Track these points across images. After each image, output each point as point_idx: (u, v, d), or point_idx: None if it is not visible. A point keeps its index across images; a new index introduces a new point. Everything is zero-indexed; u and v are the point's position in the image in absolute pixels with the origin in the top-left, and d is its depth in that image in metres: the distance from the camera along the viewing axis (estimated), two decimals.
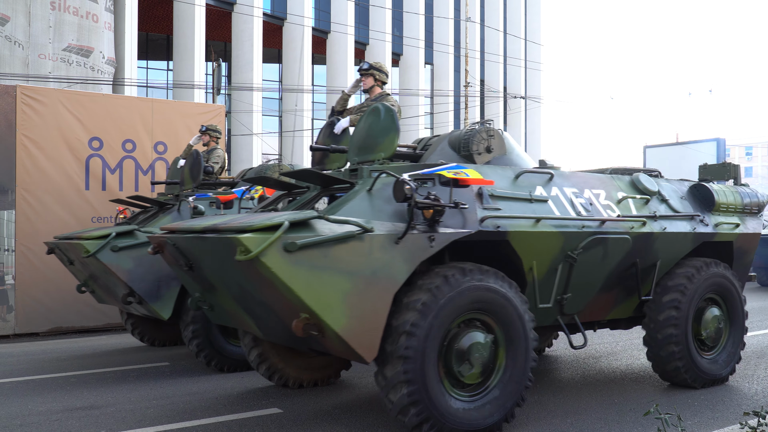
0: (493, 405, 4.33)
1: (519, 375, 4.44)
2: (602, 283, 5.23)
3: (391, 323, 4.01)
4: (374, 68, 6.16)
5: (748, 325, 9.39)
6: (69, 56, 18.13)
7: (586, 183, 5.22)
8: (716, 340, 5.87)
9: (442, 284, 4.11)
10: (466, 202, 4.28)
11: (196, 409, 5.21)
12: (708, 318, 5.77)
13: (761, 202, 6.43)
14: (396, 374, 3.98)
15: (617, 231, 5.10)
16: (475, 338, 4.28)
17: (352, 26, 30.99)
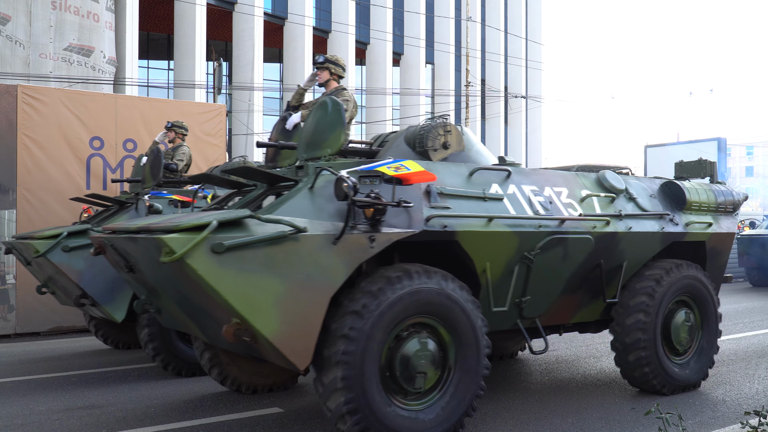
0: (440, 415, 4.11)
1: (469, 383, 4.23)
2: (564, 285, 5.01)
3: (330, 327, 3.83)
4: (330, 61, 5.92)
5: (750, 325, 9.45)
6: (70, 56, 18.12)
7: (547, 181, 4.99)
8: (687, 344, 5.65)
9: (385, 286, 3.91)
10: (411, 200, 4.09)
11: (197, 409, 5.21)
12: (678, 322, 5.54)
13: (736, 201, 6.20)
14: (333, 381, 3.78)
15: (578, 231, 4.90)
16: (420, 343, 4.07)
17: (353, 26, 30.98)
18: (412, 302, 4.00)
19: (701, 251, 5.98)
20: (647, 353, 5.27)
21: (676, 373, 5.48)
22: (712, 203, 5.96)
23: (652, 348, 5.29)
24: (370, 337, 3.83)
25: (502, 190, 4.65)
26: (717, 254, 6.11)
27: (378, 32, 32.56)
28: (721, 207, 6.05)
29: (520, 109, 41.53)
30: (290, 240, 3.63)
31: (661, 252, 5.71)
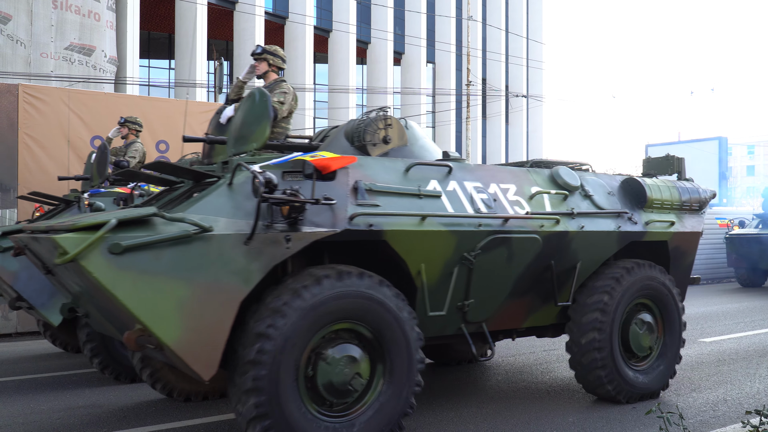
0: (363, 430, 3.83)
1: (396, 400, 3.93)
2: (511, 288, 4.72)
3: (249, 324, 3.62)
4: (268, 52, 5.65)
5: (750, 324, 9.44)
6: (71, 55, 18.13)
7: (493, 177, 4.71)
8: (648, 350, 5.36)
9: (312, 285, 3.67)
10: (336, 197, 3.84)
11: (197, 408, 5.21)
12: (638, 325, 5.26)
13: (702, 199, 5.87)
14: (244, 380, 3.53)
15: (524, 230, 4.61)
16: (345, 351, 3.81)
17: (353, 25, 30.98)
18: (338, 305, 3.74)
19: (664, 252, 5.68)
20: (602, 355, 4.97)
21: (633, 379, 5.17)
22: (676, 201, 5.65)
23: (608, 350, 4.99)
24: (289, 339, 3.58)
25: (441, 186, 4.37)
26: (681, 255, 5.78)
27: (379, 31, 32.56)
28: (686, 205, 5.73)
29: (521, 108, 41.53)
30: (197, 240, 3.40)
31: (622, 253, 5.46)
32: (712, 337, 8.37)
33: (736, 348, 7.61)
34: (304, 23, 28.59)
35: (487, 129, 40.38)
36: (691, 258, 5.89)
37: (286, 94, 5.42)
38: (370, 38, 33.05)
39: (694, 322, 9.69)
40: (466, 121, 24.41)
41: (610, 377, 5.02)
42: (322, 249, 4.14)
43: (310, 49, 29.01)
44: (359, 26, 31.95)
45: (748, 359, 6.94)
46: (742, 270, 15.43)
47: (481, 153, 39.06)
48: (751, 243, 14.75)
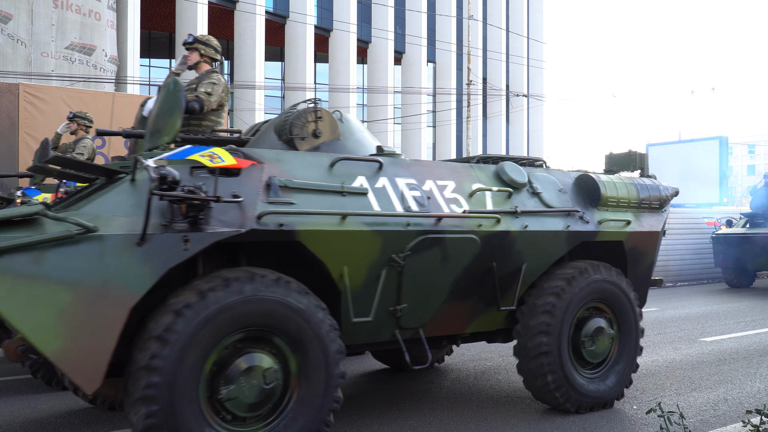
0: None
1: (312, 413, 3.65)
2: (449, 291, 4.43)
3: (148, 326, 3.36)
4: (199, 41, 5.39)
5: (751, 324, 9.44)
6: (71, 54, 18.14)
7: (430, 174, 4.42)
8: (601, 356, 5.05)
9: (219, 288, 3.42)
10: (246, 194, 3.58)
11: None
12: (590, 330, 4.94)
13: (663, 197, 5.57)
14: (136, 388, 3.23)
15: (459, 230, 4.31)
16: (254, 361, 3.53)
17: (354, 24, 30.98)
18: (247, 312, 3.46)
19: (622, 253, 5.36)
20: (550, 360, 4.68)
21: (584, 387, 4.87)
22: (633, 199, 5.32)
23: (556, 354, 4.70)
24: (191, 343, 3.31)
25: (369, 183, 4.08)
26: (639, 256, 5.44)
27: (379, 31, 32.56)
28: (645, 203, 5.41)
29: (522, 107, 41.52)
30: (84, 241, 3.15)
31: (578, 255, 5.23)
32: (712, 336, 8.36)
33: (737, 347, 7.60)
34: (304, 22, 28.59)
35: (488, 128, 40.38)
36: (650, 259, 5.55)
37: (216, 85, 5.18)
38: (371, 37, 33.05)
39: (695, 321, 9.69)
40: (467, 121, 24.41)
41: (558, 383, 4.73)
42: (237, 251, 3.88)
43: (310, 48, 29.02)
44: (360, 25, 31.95)
45: (749, 358, 6.94)
46: (729, 270, 14.99)
47: (481, 152, 39.04)
48: (738, 243, 14.28)
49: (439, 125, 36.95)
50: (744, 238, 14.18)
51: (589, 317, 5.00)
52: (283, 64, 30.73)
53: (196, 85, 5.34)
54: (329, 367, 3.71)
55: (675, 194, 5.79)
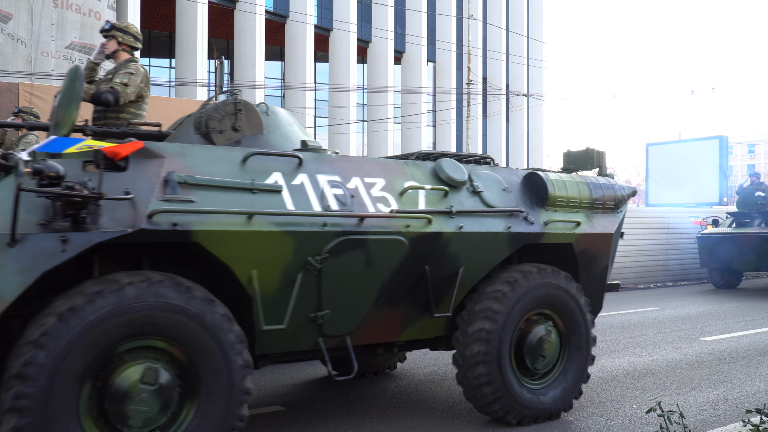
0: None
1: (214, 428, 3.38)
2: (376, 297, 4.13)
3: (27, 331, 3.11)
4: (117, 28, 5.10)
5: (751, 323, 9.44)
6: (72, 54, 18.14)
7: (357, 170, 4.12)
8: (547, 366, 4.77)
9: (110, 292, 3.14)
10: (141, 191, 3.29)
11: None
12: (535, 338, 4.65)
13: (618, 196, 5.26)
14: (7, 397, 2.94)
15: (384, 230, 4.00)
16: (146, 376, 3.21)
17: (354, 24, 30.98)
18: (139, 318, 3.20)
19: (572, 256, 5.04)
20: (488, 369, 4.38)
21: (527, 398, 4.57)
22: (585, 199, 5.02)
23: (495, 364, 4.40)
24: (66, 356, 3.00)
25: (285, 180, 3.79)
26: (591, 259, 5.12)
27: (379, 30, 32.55)
28: (598, 203, 5.11)
29: (522, 107, 41.52)
30: None
31: (527, 258, 4.99)
32: (712, 336, 8.37)
33: (737, 347, 7.61)
34: (304, 22, 28.59)
35: (488, 128, 40.38)
36: (604, 263, 5.24)
37: (133, 75, 4.89)
38: (371, 37, 33.05)
39: (694, 320, 9.69)
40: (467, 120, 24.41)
41: (497, 395, 4.43)
42: (145, 253, 3.64)
43: (310, 47, 29.02)
44: (360, 25, 31.95)
45: (749, 358, 6.94)
46: (715, 271, 14.61)
47: (481, 152, 39.04)
48: (724, 243, 13.85)
49: (439, 125, 36.94)
50: (730, 238, 13.82)
51: (534, 324, 4.71)
52: (283, 63, 30.73)
53: (112, 75, 5.04)
54: (232, 383, 3.41)
55: (632, 194, 5.51)
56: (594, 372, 6.32)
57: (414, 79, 34.37)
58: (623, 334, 8.50)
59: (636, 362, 6.77)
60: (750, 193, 14.61)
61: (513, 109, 41.27)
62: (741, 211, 14.51)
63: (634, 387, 5.73)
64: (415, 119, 33.07)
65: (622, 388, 5.70)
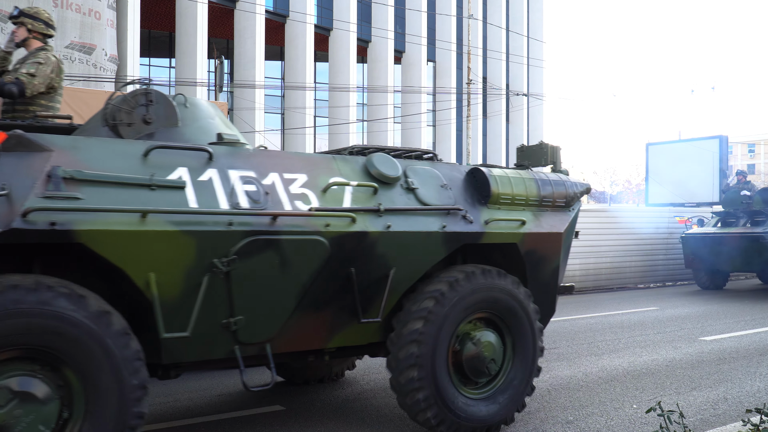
0: None
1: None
2: (297, 301, 3.83)
3: None
4: (26, 15, 4.81)
5: (751, 323, 9.44)
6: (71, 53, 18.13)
7: (277, 166, 3.84)
8: (489, 375, 4.42)
9: None
10: (19, 187, 3.02)
11: (199, 407, 5.22)
12: (475, 344, 4.31)
13: (570, 194, 4.97)
14: None
15: (300, 230, 3.71)
16: (24, 386, 2.94)
17: (354, 23, 30.97)
18: (14, 327, 2.90)
19: (519, 257, 4.72)
20: (422, 374, 4.05)
21: (463, 408, 4.23)
22: (532, 196, 4.72)
23: (429, 368, 4.08)
24: None
25: (191, 176, 3.50)
26: (540, 260, 4.81)
27: (379, 30, 32.55)
28: (547, 201, 4.81)
29: (522, 106, 41.52)
30: None
31: (474, 260, 4.75)
32: (712, 335, 8.37)
33: (737, 346, 7.61)
34: (304, 21, 28.59)
35: (488, 128, 40.39)
36: (554, 264, 4.92)
37: (42, 65, 4.63)
38: (371, 37, 33.06)
39: (694, 320, 9.69)
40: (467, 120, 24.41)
41: (430, 402, 4.09)
42: (35, 255, 3.35)
43: (310, 47, 29.02)
44: (360, 25, 31.95)
45: (749, 357, 6.95)
46: (700, 272, 14.32)
47: (481, 152, 39.07)
48: (709, 243, 13.49)
49: (439, 124, 36.94)
50: (714, 238, 13.49)
51: (476, 329, 4.40)
52: (283, 63, 30.72)
53: (20, 65, 4.78)
54: (123, 403, 3.11)
55: (586, 191, 5.23)
56: (594, 372, 6.32)
57: (414, 78, 34.37)
58: (623, 333, 8.50)
59: (636, 362, 6.77)
60: (736, 192, 14.32)
61: (513, 109, 41.28)
62: (726, 210, 14.25)
63: (634, 387, 5.73)
64: (415, 119, 33.07)
65: (622, 388, 5.70)
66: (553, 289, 5.03)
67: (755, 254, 12.88)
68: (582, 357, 7.07)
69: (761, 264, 13.18)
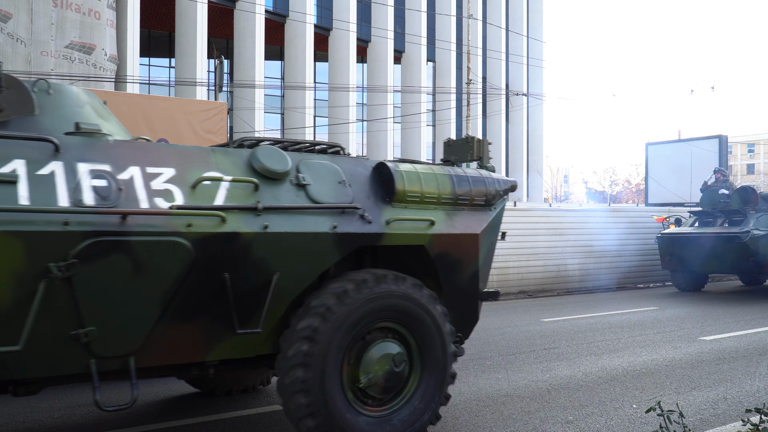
0: None
1: None
2: (161, 310, 3.42)
3: None
4: None
5: (750, 323, 9.45)
6: (71, 53, 18.14)
7: (139, 159, 3.45)
8: (391, 390, 3.99)
9: None
10: None
11: (198, 406, 5.22)
12: (374, 358, 3.90)
13: (491, 191, 4.55)
14: None
15: (155, 231, 3.29)
16: None
17: (354, 23, 30.99)
18: None
19: (429, 260, 4.30)
20: (310, 399, 3.66)
21: (365, 429, 3.84)
22: (446, 194, 4.31)
23: (319, 392, 3.67)
24: None
25: (28, 169, 3.13)
26: (455, 264, 4.39)
27: (379, 30, 32.57)
28: (463, 199, 4.39)
29: (522, 106, 41.53)
30: None
31: (384, 263, 4.39)
32: (712, 335, 8.37)
33: (736, 346, 7.61)
34: (304, 21, 28.60)
35: (488, 127, 40.40)
36: (471, 268, 4.48)
37: None
38: (371, 36, 33.07)
39: (694, 320, 9.70)
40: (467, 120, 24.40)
41: (324, 428, 3.71)
42: None
43: (310, 47, 29.04)
44: (359, 24, 31.96)
45: (749, 357, 6.95)
46: (677, 273, 13.82)
47: None
48: (685, 243, 13.00)
49: (439, 124, 36.95)
50: (690, 238, 13.00)
51: (375, 341, 3.97)
52: (283, 63, 30.73)
53: None
54: None
55: (511, 188, 4.86)
56: (594, 372, 6.32)
57: (414, 78, 34.39)
58: (623, 333, 8.50)
59: (636, 362, 6.77)
60: (714, 191, 13.76)
61: (512, 109, 41.30)
62: (704, 210, 13.73)
63: (634, 386, 5.73)
64: (415, 119, 33.08)
65: (622, 388, 5.70)
66: (474, 295, 4.59)
67: (732, 255, 12.40)
68: (582, 357, 7.07)
69: (738, 265, 12.70)
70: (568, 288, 14.33)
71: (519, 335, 8.43)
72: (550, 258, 14.10)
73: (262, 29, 27.18)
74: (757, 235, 12.17)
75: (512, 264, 13.53)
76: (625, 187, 54.22)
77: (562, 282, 14.31)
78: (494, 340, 8.01)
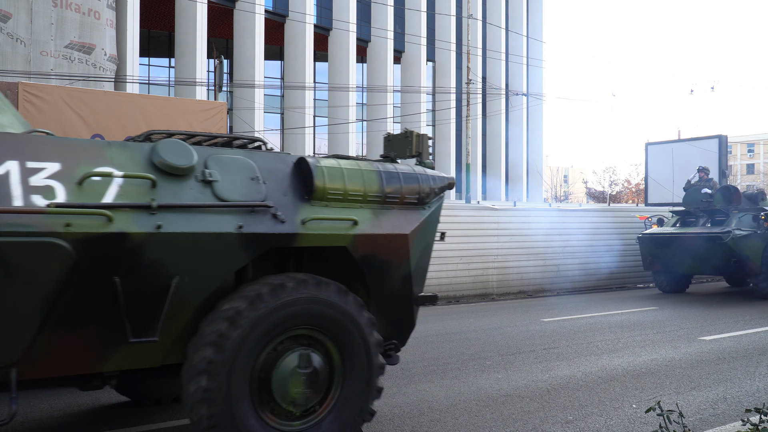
0: None
1: None
2: (41, 318, 3.13)
3: None
4: None
5: (750, 322, 9.44)
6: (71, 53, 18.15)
7: (21, 153, 3.16)
8: (310, 402, 3.72)
9: None
10: None
11: None
12: (288, 369, 3.63)
13: (424, 189, 4.27)
14: None
15: (27, 231, 3.00)
16: None
17: (354, 23, 31.00)
18: None
19: (353, 262, 4.03)
20: (213, 411, 3.39)
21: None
22: (372, 191, 4.02)
23: (224, 404, 3.42)
24: None
25: None
26: (383, 267, 4.10)
27: (379, 30, 32.59)
28: (393, 197, 4.11)
29: (521, 106, 41.55)
30: None
31: (309, 267, 4.13)
32: (711, 335, 8.37)
33: (736, 346, 7.61)
34: (304, 21, 28.61)
35: (487, 127, 40.42)
36: (403, 271, 4.18)
37: None
38: (370, 36, 33.09)
39: (694, 320, 9.70)
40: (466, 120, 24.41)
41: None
42: None
43: (310, 47, 29.04)
44: (359, 24, 31.98)
45: (748, 357, 6.95)
46: (659, 274, 13.48)
47: (481, 151, 39.08)
48: (666, 244, 12.69)
49: (439, 124, 36.96)
50: (672, 238, 12.65)
51: (289, 350, 3.69)
52: (283, 63, 30.74)
53: None
54: None
55: (448, 186, 4.55)
56: (593, 371, 6.32)
57: (413, 78, 34.41)
58: (622, 333, 8.50)
59: (635, 361, 6.77)
60: (697, 190, 13.41)
61: (512, 109, 41.31)
62: (687, 209, 13.42)
63: (634, 386, 5.73)
64: (415, 118, 33.08)
65: (622, 388, 5.70)
66: (407, 300, 4.30)
67: (714, 256, 12.04)
68: (581, 357, 7.07)
69: (720, 266, 12.38)
70: (568, 288, 14.33)
71: (519, 335, 8.43)
72: (550, 258, 14.10)
73: (262, 29, 27.19)
74: (739, 235, 11.85)
75: (512, 264, 13.53)
76: (624, 187, 54.24)
77: (562, 282, 14.31)
78: (494, 340, 8.02)
